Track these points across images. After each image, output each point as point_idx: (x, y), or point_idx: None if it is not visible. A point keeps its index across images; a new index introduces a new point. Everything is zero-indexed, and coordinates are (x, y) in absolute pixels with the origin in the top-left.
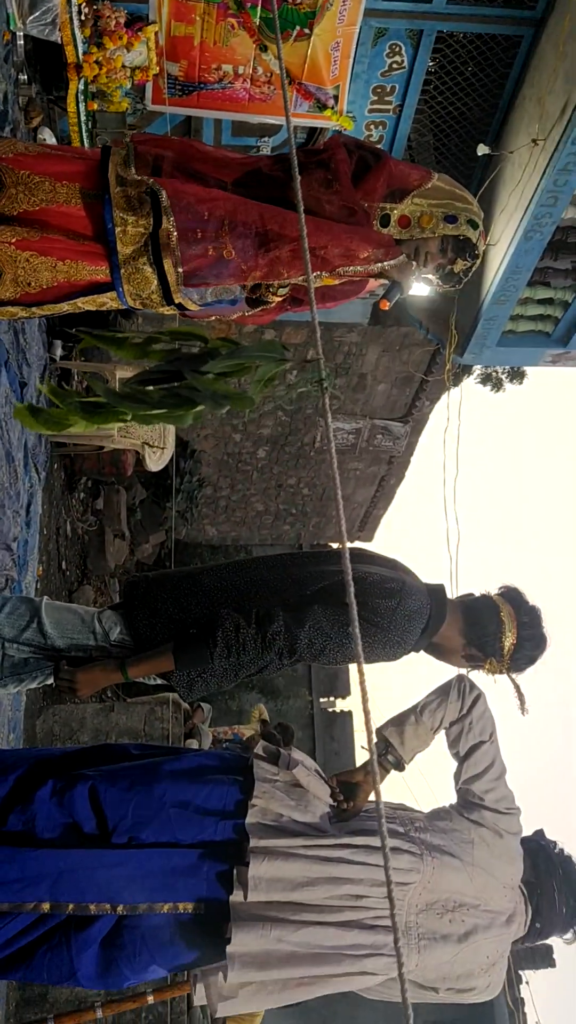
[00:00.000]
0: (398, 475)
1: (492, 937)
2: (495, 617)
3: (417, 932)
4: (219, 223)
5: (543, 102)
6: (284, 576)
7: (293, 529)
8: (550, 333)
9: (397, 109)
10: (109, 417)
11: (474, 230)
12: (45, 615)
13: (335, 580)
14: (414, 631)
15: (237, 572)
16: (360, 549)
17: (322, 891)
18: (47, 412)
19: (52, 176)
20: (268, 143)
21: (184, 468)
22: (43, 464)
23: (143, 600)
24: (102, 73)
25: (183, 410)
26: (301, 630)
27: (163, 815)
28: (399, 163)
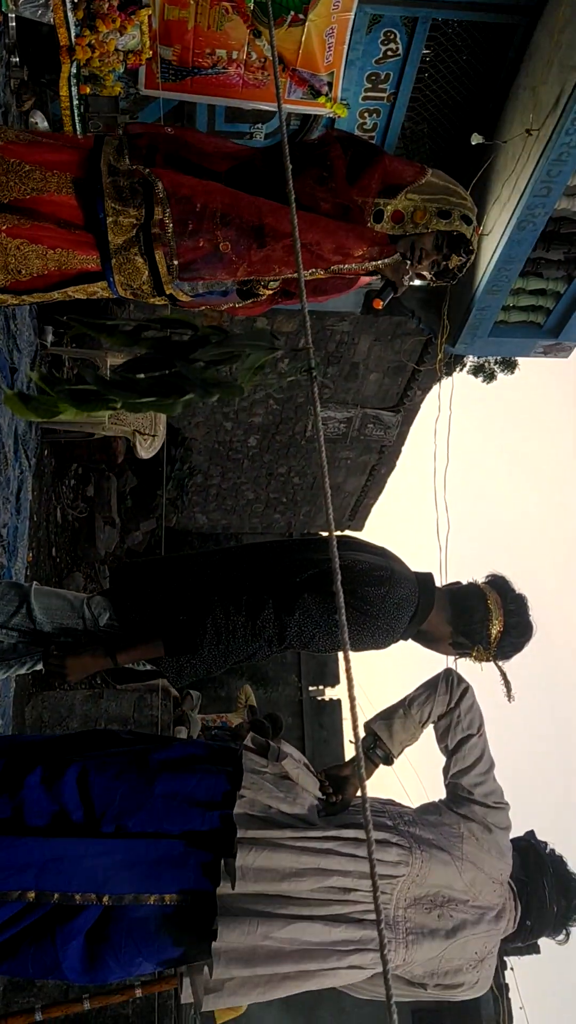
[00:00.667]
0: (389, 464)
1: (481, 933)
2: (482, 605)
3: (405, 927)
4: (214, 216)
5: (537, 92)
6: (274, 564)
7: (283, 518)
8: (542, 324)
9: (391, 97)
10: (99, 405)
11: (468, 225)
12: (34, 600)
13: (325, 568)
14: (402, 619)
15: (227, 559)
16: (349, 537)
17: (310, 882)
18: (37, 399)
19: (43, 164)
20: (262, 129)
21: (175, 456)
22: (33, 451)
23: (133, 586)
24: (95, 56)
25: (172, 398)
26: (290, 618)
27: (150, 804)
28: (394, 159)
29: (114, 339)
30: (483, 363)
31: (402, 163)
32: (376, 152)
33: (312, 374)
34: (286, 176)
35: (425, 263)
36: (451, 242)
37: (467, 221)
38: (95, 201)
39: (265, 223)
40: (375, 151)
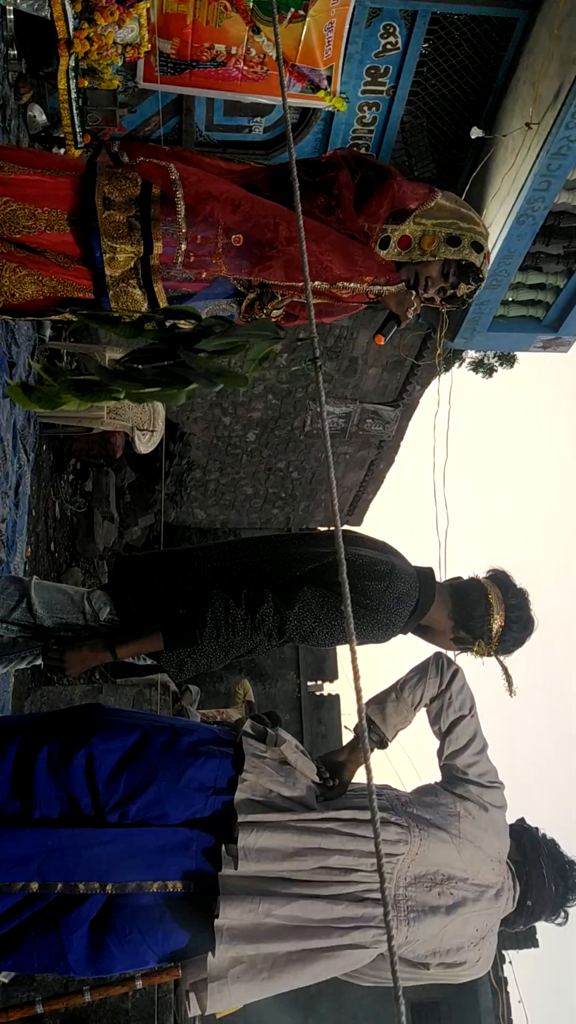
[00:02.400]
0: (388, 459)
1: (481, 910)
2: (483, 599)
3: (406, 905)
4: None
5: (537, 85)
6: (274, 557)
7: (282, 513)
8: (541, 318)
9: (391, 91)
10: (102, 395)
11: (478, 253)
12: (34, 595)
13: (325, 562)
14: (403, 613)
15: (227, 553)
16: (350, 531)
17: (311, 862)
18: (40, 390)
19: (32, 203)
20: (261, 123)
21: (174, 451)
22: (32, 445)
23: (133, 580)
24: (93, 50)
25: (176, 388)
26: (290, 611)
27: (154, 792)
28: (403, 183)
29: (118, 330)
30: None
31: (411, 186)
32: (384, 177)
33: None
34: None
35: (432, 291)
36: (459, 270)
37: (477, 248)
38: (91, 239)
39: (280, 226)
40: (384, 175)
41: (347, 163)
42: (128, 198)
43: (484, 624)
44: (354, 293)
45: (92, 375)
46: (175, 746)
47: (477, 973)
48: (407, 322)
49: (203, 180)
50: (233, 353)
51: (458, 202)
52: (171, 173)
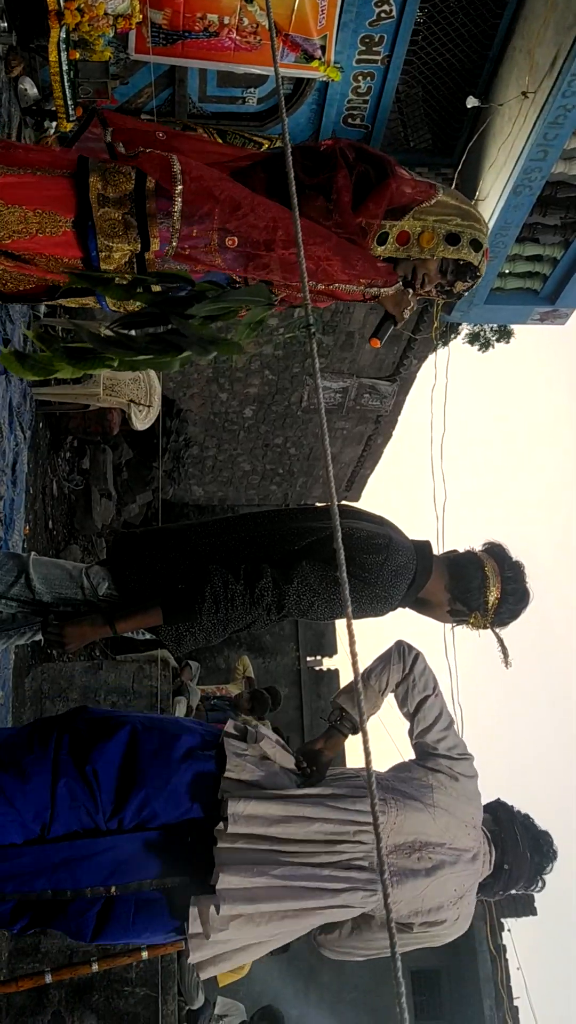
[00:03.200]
0: (385, 434)
1: (459, 872)
2: (479, 572)
3: (389, 871)
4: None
5: (533, 54)
6: (272, 532)
7: (280, 489)
8: (538, 291)
9: (385, 60)
10: (95, 363)
11: (476, 251)
12: (33, 570)
13: (323, 535)
14: (401, 586)
15: (226, 528)
16: (348, 505)
17: (296, 828)
18: (33, 357)
19: (23, 204)
20: (255, 94)
21: (171, 427)
22: (28, 423)
23: (132, 555)
24: (84, 21)
25: (169, 355)
26: (289, 586)
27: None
28: (402, 180)
29: (110, 291)
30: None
31: (411, 183)
32: (384, 173)
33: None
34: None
35: (429, 286)
36: (457, 268)
37: (476, 247)
38: (87, 237)
39: (278, 229)
40: (383, 171)
41: (345, 159)
42: (122, 194)
43: (480, 596)
44: (351, 294)
45: (85, 343)
46: (163, 754)
47: (456, 932)
48: (403, 322)
49: (204, 176)
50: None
51: (459, 198)
52: (173, 165)
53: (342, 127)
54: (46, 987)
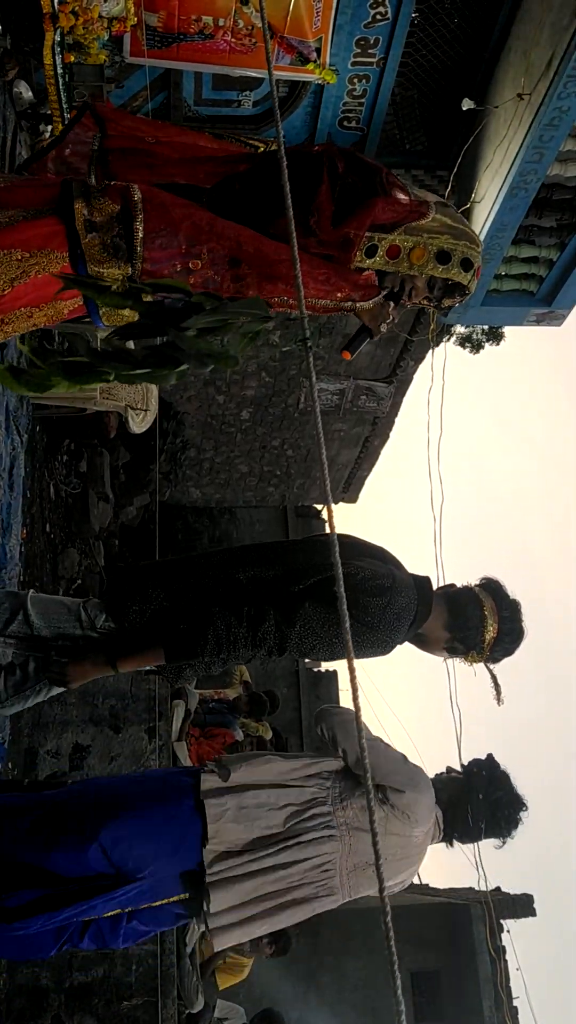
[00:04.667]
0: (382, 436)
1: (404, 868)
2: (478, 611)
3: (349, 886)
4: (189, 233)
5: (528, 54)
6: (275, 569)
7: (277, 491)
8: (535, 292)
9: (381, 62)
10: (92, 377)
11: (466, 271)
12: (31, 606)
13: (326, 576)
14: (402, 627)
15: (229, 562)
16: (349, 537)
17: (272, 878)
18: (29, 373)
19: (19, 247)
20: (250, 96)
21: (168, 430)
22: (25, 427)
23: (132, 588)
24: (78, 24)
25: (167, 369)
26: (292, 629)
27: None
28: (392, 199)
29: (106, 299)
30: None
31: (402, 202)
32: (372, 189)
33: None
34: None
35: (416, 300)
36: (445, 286)
37: (466, 266)
38: (78, 264)
39: (244, 251)
40: (372, 187)
41: (333, 170)
42: (109, 216)
43: (478, 635)
44: (327, 308)
45: (82, 357)
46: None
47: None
48: (379, 335)
49: (166, 203)
50: (223, 331)
51: (453, 217)
52: (134, 195)
53: (338, 130)
54: (45, 992)
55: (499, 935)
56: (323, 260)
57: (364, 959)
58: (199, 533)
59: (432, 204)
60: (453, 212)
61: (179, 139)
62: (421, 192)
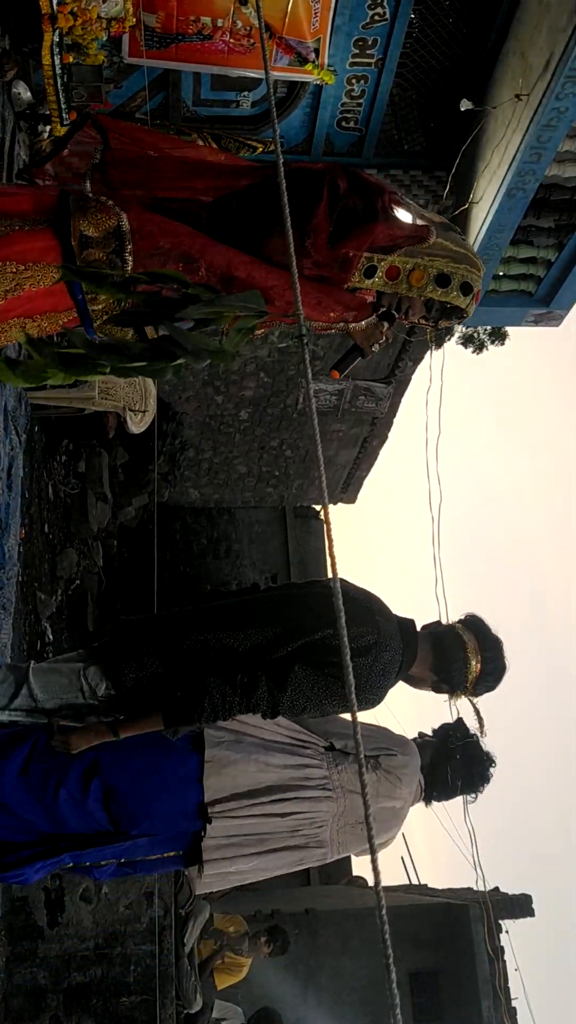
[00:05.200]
0: (381, 436)
1: (392, 825)
2: (461, 653)
3: (338, 841)
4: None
5: (526, 56)
6: (265, 633)
7: (276, 491)
8: (533, 292)
9: (379, 63)
10: (88, 369)
11: (465, 295)
12: (33, 680)
13: (314, 638)
14: (389, 680)
15: (220, 626)
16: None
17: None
18: (25, 364)
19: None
20: (248, 97)
21: (166, 430)
22: (24, 427)
23: (129, 655)
24: (77, 24)
25: (163, 363)
26: (283, 695)
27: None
28: (391, 223)
29: (103, 290)
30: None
31: (402, 226)
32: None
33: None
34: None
35: (413, 319)
36: (443, 309)
37: (466, 290)
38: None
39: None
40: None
41: (334, 190)
42: (106, 232)
43: (462, 676)
44: (320, 328)
45: (79, 349)
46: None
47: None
48: (371, 355)
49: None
50: (219, 323)
51: (456, 241)
52: (122, 224)
53: (336, 130)
54: (43, 991)
55: (498, 935)
56: (315, 284)
57: (363, 960)
58: (197, 534)
59: (434, 227)
60: (456, 236)
61: (181, 152)
62: (426, 213)
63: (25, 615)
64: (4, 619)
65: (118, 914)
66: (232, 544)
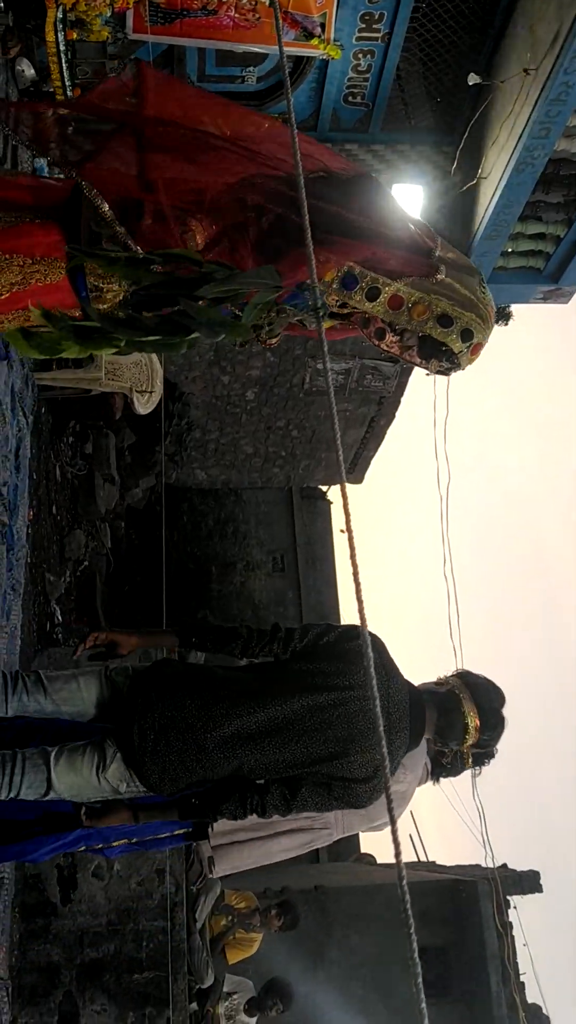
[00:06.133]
0: (388, 416)
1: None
2: (461, 722)
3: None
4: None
5: (534, 29)
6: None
7: (283, 472)
8: (541, 269)
9: (386, 37)
10: (102, 343)
11: (464, 342)
12: (57, 781)
13: (322, 769)
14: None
15: (237, 743)
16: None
17: None
18: (40, 336)
19: (22, 252)
20: (254, 72)
21: (173, 411)
22: (31, 408)
23: (152, 758)
24: (81, 1)
25: (177, 337)
26: (291, 805)
27: None
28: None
29: (116, 270)
30: None
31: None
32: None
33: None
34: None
35: (395, 348)
36: (436, 348)
37: (466, 337)
38: (76, 277)
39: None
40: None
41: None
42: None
43: (460, 744)
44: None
45: (93, 322)
46: None
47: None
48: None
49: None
50: (234, 300)
51: (470, 287)
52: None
53: (342, 105)
54: (57, 968)
55: (506, 911)
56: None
57: (373, 935)
58: (204, 515)
59: (445, 266)
60: (471, 280)
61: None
62: (448, 253)
63: (34, 596)
64: (14, 600)
65: (130, 891)
66: (239, 525)
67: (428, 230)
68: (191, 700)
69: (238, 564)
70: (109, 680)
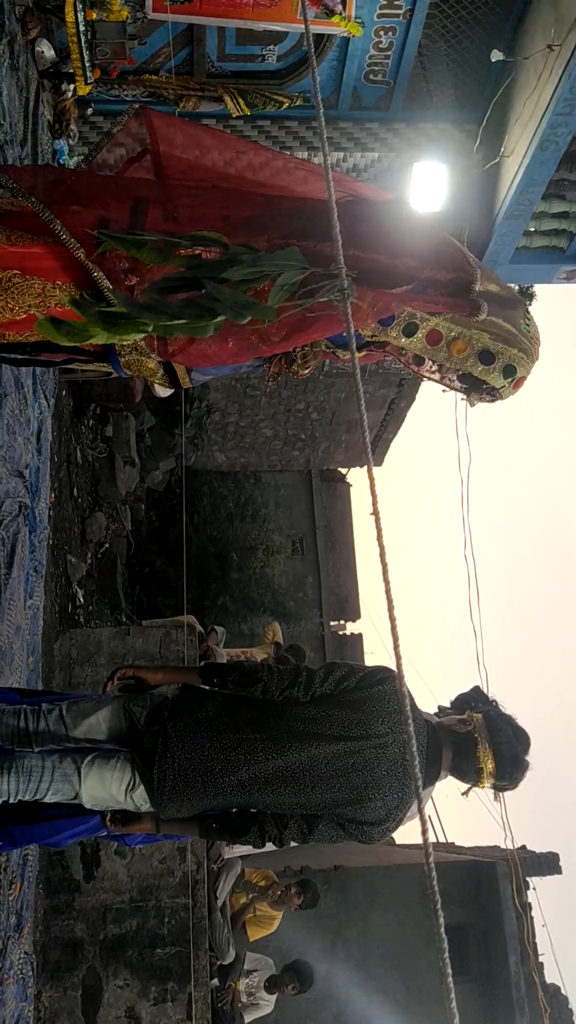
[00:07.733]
0: (409, 397)
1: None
2: (474, 758)
3: None
4: None
5: (558, 5)
6: (307, 797)
7: (302, 455)
8: (564, 248)
9: (407, 14)
10: (130, 328)
11: (506, 378)
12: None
13: (337, 811)
14: (404, 815)
15: (254, 787)
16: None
17: None
18: (69, 323)
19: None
20: (274, 51)
21: (192, 394)
22: (52, 391)
23: (171, 795)
24: None
25: (204, 320)
26: (307, 843)
27: None
28: (429, 299)
29: (143, 254)
30: None
31: (451, 303)
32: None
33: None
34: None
35: (433, 375)
36: (478, 386)
37: (508, 373)
38: (111, 354)
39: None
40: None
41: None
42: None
43: (474, 781)
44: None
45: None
46: None
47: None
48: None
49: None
50: (260, 283)
51: (510, 320)
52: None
53: (363, 83)
54: (80, 943)
55: (525, 892)
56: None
57: (392, 914)
58: (224, 497)
59: (488, 303)
60: (515, 316)
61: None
62: (495, 287)
63: (56, 578)
64: (36, 582)
65: (152, 868)
66: (259, 508)
67: (464, 257)
68: (210, 743)
69: (258, 549)
70: (127, 711)
